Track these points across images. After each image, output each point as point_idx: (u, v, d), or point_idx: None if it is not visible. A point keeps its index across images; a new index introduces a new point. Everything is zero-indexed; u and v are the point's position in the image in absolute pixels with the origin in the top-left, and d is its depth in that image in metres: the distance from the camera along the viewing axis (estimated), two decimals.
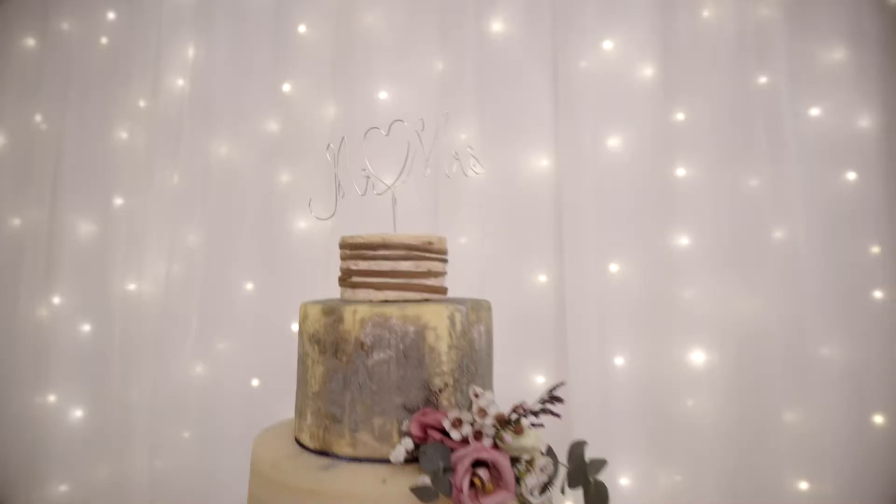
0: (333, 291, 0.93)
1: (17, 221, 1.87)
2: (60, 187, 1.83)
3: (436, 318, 0.71)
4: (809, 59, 1.54)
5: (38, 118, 1.86)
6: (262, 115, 1.77)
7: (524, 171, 1.63)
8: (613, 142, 1.60)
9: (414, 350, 0.69)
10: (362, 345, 0.69)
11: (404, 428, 0.66)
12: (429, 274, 0.76)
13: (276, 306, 1.71)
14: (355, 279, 0.76)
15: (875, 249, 1.49)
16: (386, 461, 0.66)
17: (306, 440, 0.74)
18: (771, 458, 1.47)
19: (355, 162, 0.91)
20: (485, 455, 0.62)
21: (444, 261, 0.80)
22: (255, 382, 1.71)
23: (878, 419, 1.47)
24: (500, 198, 1.63)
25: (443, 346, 0.70)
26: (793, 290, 1.49)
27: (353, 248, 0.78)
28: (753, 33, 1.55)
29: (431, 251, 0.77)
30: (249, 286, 1.74)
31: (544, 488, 0.66)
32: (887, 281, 1.48)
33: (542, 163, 1.62)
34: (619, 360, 1.56)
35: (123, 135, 1.85)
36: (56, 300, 1.82)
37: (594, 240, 1.57)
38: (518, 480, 0.64)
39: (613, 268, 1.58)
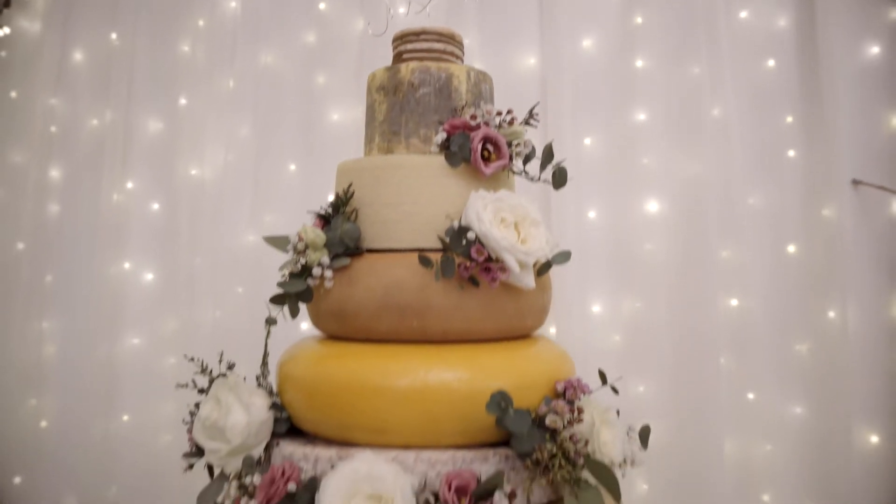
0: None
1: (94, 122, 2.23)
2: (133, 92, 2.18)
3: (459, 71, 1.11)
4: None
5: (113, 36, 2.22)
6: (302, 29, 2.13)
7: (516, 68, 2.02)
8: (587, 42, 2.00)
9: (445, 88, 1.09)
10: (412, 84, 1.09)
11: (440, 129, 1.06)
12: (452, 54, 1.16)
13: (314, 182, 2.08)
14: (405, 56, 1.15)
15: (789, 119, 1.90)
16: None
17: (374, 153, 1.14)
18: (709, 284, 1.85)
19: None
20: (490, 133, 1.01)
21: (462, 49, 1.19)
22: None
23: (791, 248, 1.88)
24: (497, 90, 2.02)
25: (463, 88, 1.10)
26: (726, 153, 1.89)
27: (402, 37, 1.17)
28: None
29: (454, 39, 1.17)
30: (292, 167, 2.13)
31: (526, 161, 1.06)
32: (798, 143, 1.89)
33: (531, 61, 2.02)
34: (591, 214, 1.96)
35: (186, 48, 2.21)
36: (130, 185, 2.19)
37: (572, 120, 1.96)
38: (511, 157, 1.04)
39: (587, 141, 1.97)
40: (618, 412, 1.03)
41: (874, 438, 1.78)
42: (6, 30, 2.28)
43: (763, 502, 1.85)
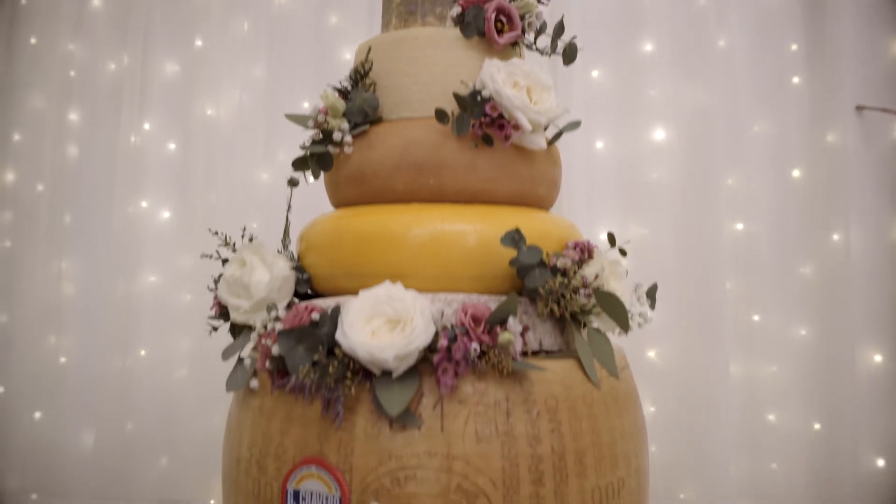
0: None
1: (112, 66, 2.29)
2: (150, 36, 2.23)
3: None
4: None
5: None
6: None
7: None
8: None
9: None
10: None
11: (454, 5, 1.10)
12: None
13: None
14: None
15: (794, 47, 1.94)
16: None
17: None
18: (714, 208, 1.90)
19: None
20: (503, 5, 1.05)
21: None
22: (311, 179, 2.14)
23: (796, 173, 1.92)
24: None
25: None
26: (732, 82, 1.93)
27: None
28: None
29: None
30: (306, 104, 2.17)
31: (537, 35, 1.11)
32: (802, 70, 1.93)
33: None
34: (599, 144, 2.00)
35: None
36: (147, 126, 2.24)
37: (580, 52, 1.99)
38: (523, 30, 1.08)
39: (595, 73, 2.02)
40: (626, 272, 1.06)
41: (878, 358, 1.81)
42: None
43: (769, 422, 1.88)
